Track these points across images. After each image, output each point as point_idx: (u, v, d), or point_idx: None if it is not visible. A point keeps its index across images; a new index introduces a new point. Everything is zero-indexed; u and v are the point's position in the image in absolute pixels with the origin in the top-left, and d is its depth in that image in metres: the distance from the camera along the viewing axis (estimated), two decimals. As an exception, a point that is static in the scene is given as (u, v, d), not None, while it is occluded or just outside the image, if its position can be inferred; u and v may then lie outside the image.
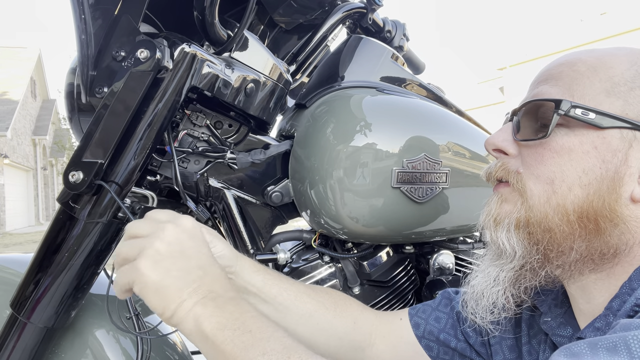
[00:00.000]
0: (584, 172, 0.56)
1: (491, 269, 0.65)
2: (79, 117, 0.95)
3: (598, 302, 0.59)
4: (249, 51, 0.92)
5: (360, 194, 0.94)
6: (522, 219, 0.61)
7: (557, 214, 0.58)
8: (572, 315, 0.64)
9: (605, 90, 0.57)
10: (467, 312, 0.72)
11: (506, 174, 0.64)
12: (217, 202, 1.00)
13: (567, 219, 0.57)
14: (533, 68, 23.01)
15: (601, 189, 0.56)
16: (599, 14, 23.75)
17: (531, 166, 0.60)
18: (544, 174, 0.59)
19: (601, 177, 0.56)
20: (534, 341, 0.70)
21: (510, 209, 0.62)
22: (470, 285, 0.69)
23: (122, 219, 0.82)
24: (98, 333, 0.94)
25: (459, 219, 1.07)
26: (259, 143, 1.01)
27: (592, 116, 0.56)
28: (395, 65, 1.12)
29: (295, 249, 1.16)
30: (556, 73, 0.62)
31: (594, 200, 0.56)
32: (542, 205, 0.59)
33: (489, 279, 0.65)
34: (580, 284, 0.61)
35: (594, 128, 0.56)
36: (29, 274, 0.83)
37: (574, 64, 0.61)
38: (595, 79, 0.58)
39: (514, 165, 0.63)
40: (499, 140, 0.65)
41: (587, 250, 0.57)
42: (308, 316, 0.80)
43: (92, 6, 0.77)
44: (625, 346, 0.42)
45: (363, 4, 1.15)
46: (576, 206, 0.57)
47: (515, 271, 0.62)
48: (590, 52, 0.62)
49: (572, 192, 0.57)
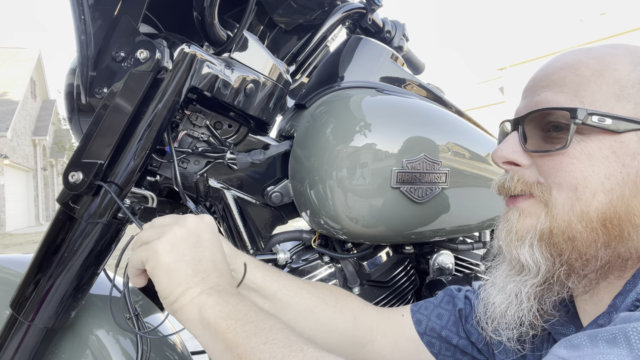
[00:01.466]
0: (606, 177, 0.55)
1: (510, 285, 0.63)
2: (79, 117, 0.95)
3: (603, 302, 0.59)
4: (248, 51, 0.92)
5: (360, 194, 0.94)
6: (545, 230, 0.59)
7: (580, 221, 0.56)
8: (576, 315, 0.64)
9: (615, 95, 0.56)
10: (488, 332, 0.69)
11: (527, 187, 0.61)
12: (217, 202, 1.00)
13: (591, 226, 0.56)
14: (533, 68, 22.89)
15: (624, 194, 0.55)
16: (598, 14, 23.75)
17: (551, 175, 0.58)
18: (566, 181, 0.57)
19: (623, 181, 0.55)
20: (537, 340, 0.70)
21: (533, 222, 0.60)
22: (490, 303, 0.66)
23: (121, 220, 0.82)
24: (98, 333, 0.94)
25: (458, 219, 1.07)
26: (259, 143, 1.01)
27: (608, 122, 0.55)
28: (395, 66, 1.12)
29: (295, 249, 1.16)
30: (558, 79, 0.60)
31: (618, 205, 0.55)
32: (566, 214, 0.57)
33: (510, 296, 0.63)
34: (592, 290, 0.60)
35: (610, 133, 0.55)
36: (29, 275, 0.83)
37: (577, 67, 0.59)
38: (602, 84, 0.57)
39: (532, 177, 0.61)
40: (508, 153, 0.62)
41: (612, 257, 0.56)
42: (308, 312, 0.80)
43: (92, 7, 0.77)
44: (625, 338, 0.42)
45: (362, 4, 1.15)
46: (600, 212, 0.55)
47: (540, 287, 0.60)
48: (588, 52, 0.61)
49: (596, 198, 0.55)
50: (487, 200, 1.08)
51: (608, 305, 0.56)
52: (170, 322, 1.07)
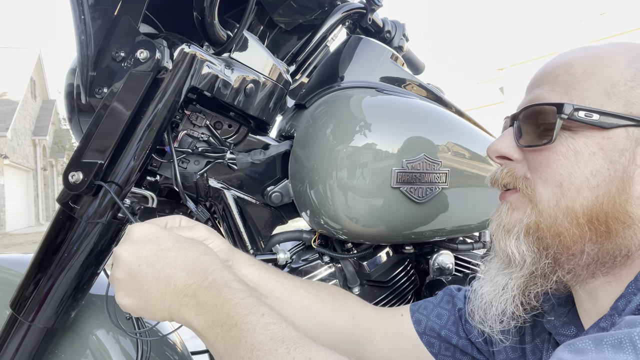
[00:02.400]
0: (592, 174, 0.55)
1: (499, 277, 0.64)
2: (79, 117, 0.95)
3: (604, 302, 0.58)
4: (248, 51, 0.92)
5: (360, 194, 0.94)
6: (532, 224, 0.60)
7: (566, 217, 0.57)
8: (576, 315, 0.64)
9: (605, 92, 0.56)
10: (475, 322, 0.71)
11: (514, 180, 0.63)
12: (217, 202, 1.00)
13: (577, 222, 0.56)
14: (533, 68, 22.89)
15: (610, 190, 0.55)
16: (598, 14, 23.75)
17: (538, 170, 0.59)
18: (551, 177, 0.58)
19: (610, 178, 0.55)
20: (537, 340, 0.70)
21: (519, 216, 0.61)
22: (479, 294, 0.68)
23: (121, 220, 0.82)
24: (98, 333, 0.94)
25: (458, 219, 1.07)
26: (259, 143, 1.01)
27: (595, 117, 0.55)
28: (395, 66, 1.12)
29: (295, 249, 1.16)
30: (552, 77, 0.61)
31: (604, 202, 0.55)
32: (552, 209, 0.58)
33: (497, 287, 0.64)
34: (588, 286, 0.60)
35: (598, 129, 0.55)
36: (29, 275, 0.83)
37: (570, 66, 0.59)
38: (592, 82, 0.57)
39: (521, 171, 0.62)
40: (501, 147, 0.64)
41: (599, 254, 0.56)
42: (305, 310, 0.80)
43: (92, 7, 0.77)
44: (631, 343, 0.42)
45: (362, 4, 1.15)
46: (585, 209, 0.56)
47: (525, 278, 0.61)
48: (587, 50, 0.61)
49: (580, 195, 0.56)
50: (487, 200, 1.08)
51: (610, 308, 0.56)
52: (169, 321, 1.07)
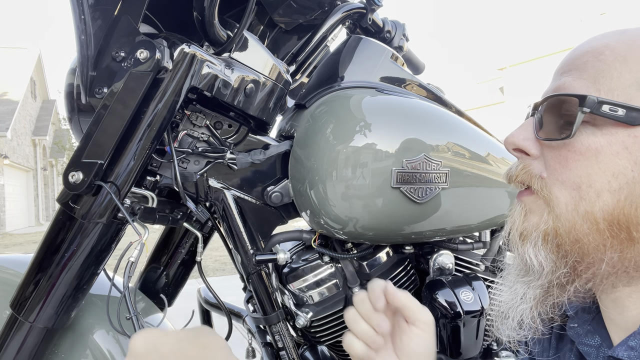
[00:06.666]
0: (614, 176, 0.50)
1: (518, 285, 0.59)
2: (79, 117, 0.95)
3: (632, 314, 0.54)
4: (248, 51, 0.92)
5: (360, 194, 0.94)
6: (550, 230, 0.55)
7: (585, 222, 0.52)
8: (602, 323, 0.59)
9: (637, 82, 0.50)
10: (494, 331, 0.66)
11: (529, 178, 0.57)
12: (217, 202, 1.00)
13: (597, 227, 0.51)
14: (533, 68, 23.04)
15: (633, 194, 0.50)
16: (599, 14, 23.75)
17: (555, 171, 0.54)
18: (569, 179, 0.53)
19: (633, 180, 0.50)
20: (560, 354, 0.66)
21: (536, 221, 0.56)
22: (497, 302, 0.64)
23: (122, 220, 0.82)
24: (98, 333, 0.94)
25: (458, 219, 1.07)
26: (259, 143, 1.01)
27: (621, 112, 0.49)
28: (395, 66, 1.12)
29: (295, 249, 1.16)
30: (580, 63, 0.54)
31: (626, 206, 0.50)
32: (570, 213, 0.53)
33: (516, 296, 0.59)
34: (613, 296, 0.55)
35: (624, 125, 0.50)
36: (29, 275, 0.83)
37: (601, 52, 0.53)
38: (624, 70, 0.51)
39: (537, 169, 0.57)
40: (519, 139, 0.58)
41: (620, 262, 0.51)
42: None
43: (92, 6, 0.77)
44: None
45: (363, 4, 1.15)
46: (606, 213, 0.51)
47: (543, 289, 0.56)
48: (621, 35, 0.54)
49: (600, 198, 0.51)
50: (487, 200, 1.08)
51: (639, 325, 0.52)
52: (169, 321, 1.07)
